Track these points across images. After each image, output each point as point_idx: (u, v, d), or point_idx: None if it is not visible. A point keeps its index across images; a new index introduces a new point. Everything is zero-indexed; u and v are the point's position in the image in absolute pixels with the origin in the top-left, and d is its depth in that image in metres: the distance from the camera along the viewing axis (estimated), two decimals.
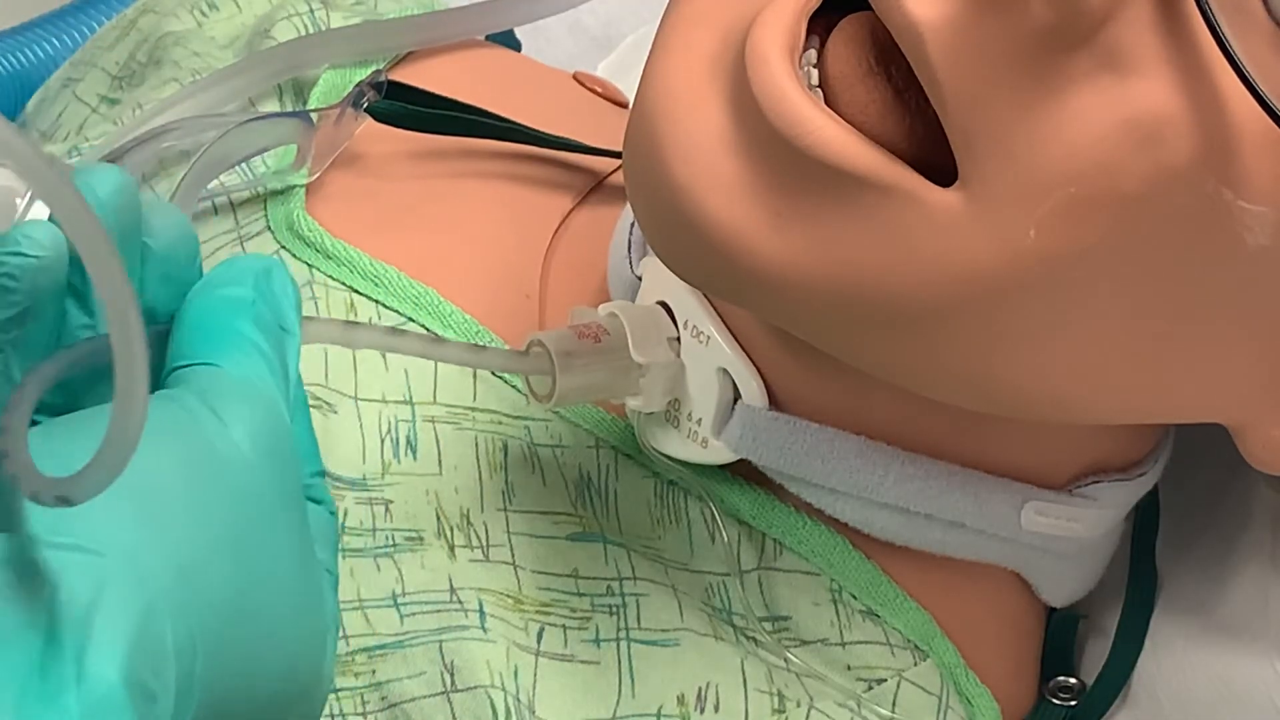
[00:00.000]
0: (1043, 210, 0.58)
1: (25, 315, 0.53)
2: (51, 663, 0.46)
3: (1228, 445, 0.68)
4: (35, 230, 0.54)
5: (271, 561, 0.53)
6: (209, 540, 0.51)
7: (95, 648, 0.46)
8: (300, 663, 0.54)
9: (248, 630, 0.51)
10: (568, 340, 0.67)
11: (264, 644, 0.52)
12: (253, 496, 0.52)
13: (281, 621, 0.53)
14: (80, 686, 0.46)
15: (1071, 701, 0.75)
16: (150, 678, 0.47)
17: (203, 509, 0.51)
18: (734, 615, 0.70)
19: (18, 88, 1.01)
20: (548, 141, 0.80)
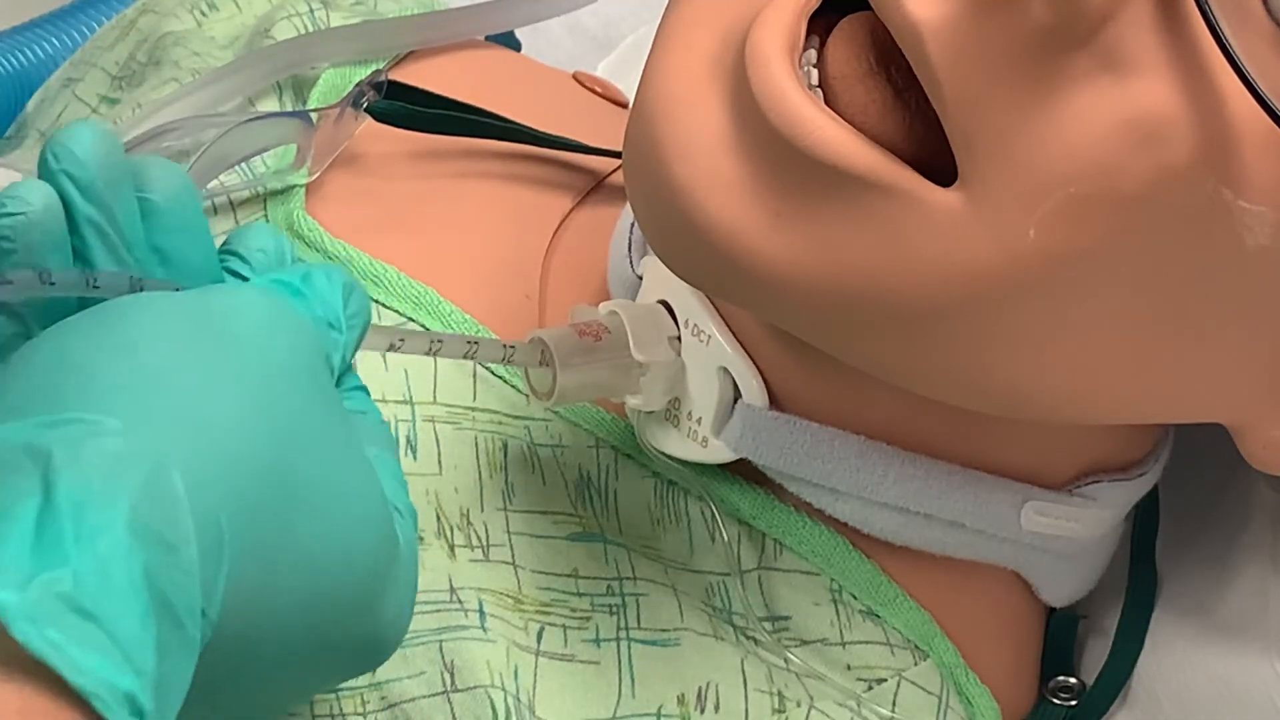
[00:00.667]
0: (1042, 210, 0.58)
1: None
2: (49, 521, 0.46)
3: (1228, 445, 0.69)
4: (21, 189, 0.55)
5: (306, 430, 0.53)
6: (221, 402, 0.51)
7: (94, 501, 0.46)
8: (359, 548, 0.54)
9: (284, 492, 0.51)
10: (568, 338, 0.67)
11: (309, 514, 0.52)
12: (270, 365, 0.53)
13: (324, 494, 0.53)
14: (78, 537, 0.46)
15: (1071, 701, 0.75)
16: (165, 527, 0.47)
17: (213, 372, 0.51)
18: (734, 615, 0.70)
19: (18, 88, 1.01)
20: (548, 141, 0.80)
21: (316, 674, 0.56)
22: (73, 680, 0.45)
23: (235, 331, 0.53)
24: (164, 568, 0.47)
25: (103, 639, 0.45)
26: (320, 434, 0.54)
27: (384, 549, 0.55)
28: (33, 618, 0.44)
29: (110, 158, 0.56)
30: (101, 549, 0.46)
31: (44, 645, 0.44)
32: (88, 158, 0.55)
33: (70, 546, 0.46)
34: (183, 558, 0.48)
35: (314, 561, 0.53)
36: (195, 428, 0.50)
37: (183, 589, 0.48)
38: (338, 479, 0.54)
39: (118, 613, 0.46)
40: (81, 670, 0.45)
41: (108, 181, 0.56)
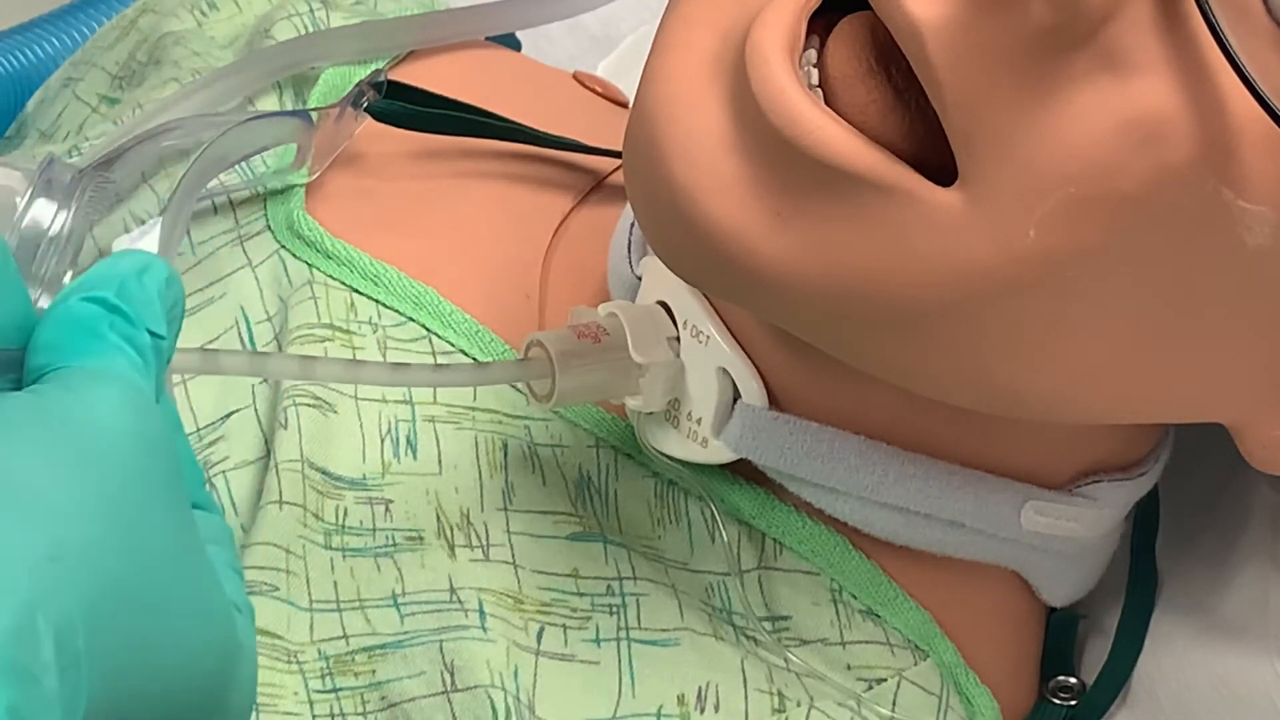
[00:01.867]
0: (1043, 210, 0.57)
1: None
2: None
3: (1228, 445, 0.69)
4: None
5: (154, 537, 0.52)
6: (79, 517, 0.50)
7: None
8: (205, 650, 0.53)
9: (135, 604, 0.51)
10: (567, 340, 0.67)
11: (157, 622, 0.51)
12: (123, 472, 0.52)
13: (174, 604, 0.52)
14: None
15: (1071, 701, 0.75)
16: (29, 659, 0.47)
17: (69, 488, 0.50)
18: (734, 615, 0.70)
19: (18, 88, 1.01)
20: (547, 141, 0.80)
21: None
22: None
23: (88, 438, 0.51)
24: (27, 700, 0.47)
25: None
26: (170, 544, 0.52)
27: (228, 650, 0.54)
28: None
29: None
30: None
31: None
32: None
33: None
34: (44, 689, 0.47)
35: (165, 671, 0.52)
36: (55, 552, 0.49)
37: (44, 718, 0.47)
38: (186, 588, 0.53)
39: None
40: None
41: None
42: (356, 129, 0.78)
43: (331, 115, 0.77)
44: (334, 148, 0.77)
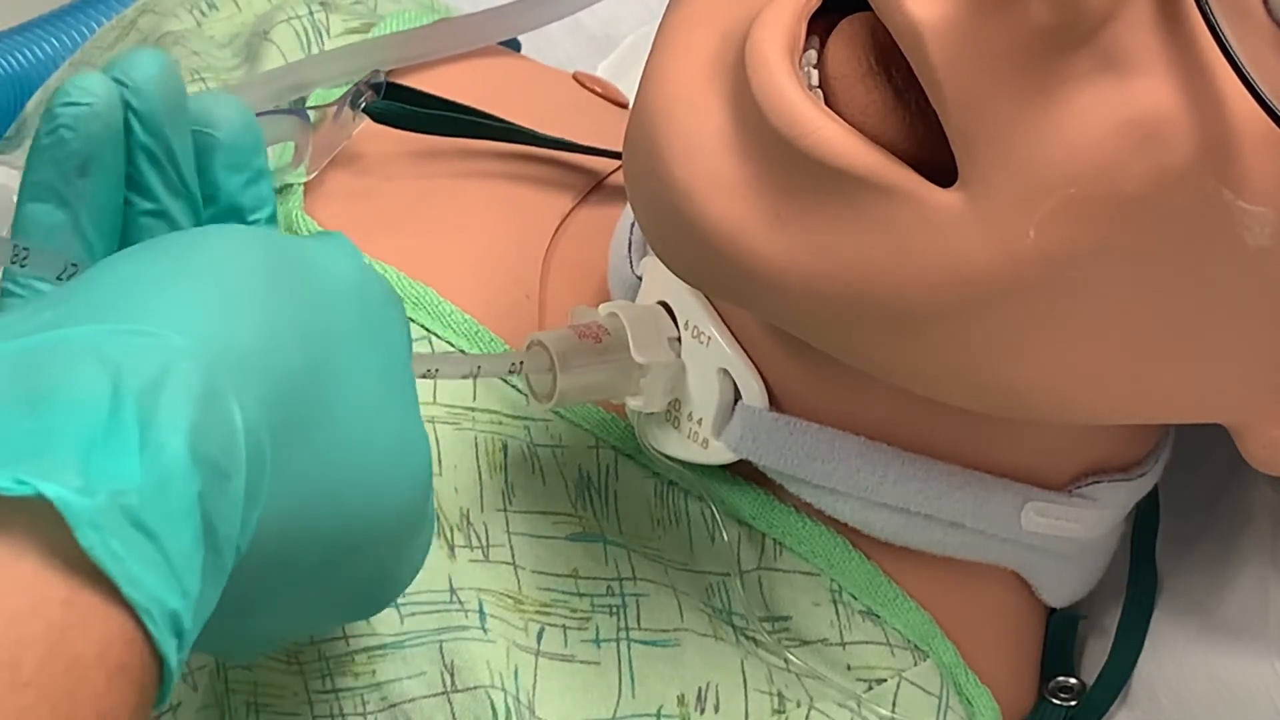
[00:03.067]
0: (1043, 211, 0.57)
1: (86, 166, 0.56)
2: (115, 430, 0.46)
3: (1228, 445, 0.68)
4: (85, 80, 0.56)
5: (354, 368, 0.54)
6: (285, 333, 0.52)
7: (160, 419, 0.47)
8: (389, 498, 0.55)
9: (322, 427, 0.52)
10: (568, 340, 0.67)
11: (342, 445, 0.53)
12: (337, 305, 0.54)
13: (363, 429, 0.54)
14: (144, 452, 0.46)
15: (1071, 702, 0.75)
16: (220, 455, 0.48)
17: (280, 304, 0.52)
18: (734, 615, 0.70)
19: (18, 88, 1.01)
20: (546, 142, 0.80)
21: (318, 611, 0.57)
22: (127, 592, 0.45)
23: (307, 268, 0.54)
24: (215, 496, 0.48)
25: (158, 557, 0.46)
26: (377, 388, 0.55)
27: (414, 503, 0.57)
28: (97, 525, 0.45)
29: (170, 89, 0.57)
30: (164, 467, 0.46)
31: (105, 554, 0.45)
32: (149, 87, 0.56)
33: (134, 459, 0.46)
34: (232, 488, 0.48)
35: (343, 504, 0.53)
36: (258, 360, 0.50)
37: (227, 519, 0.48)
38: (385, 424, 0.55)
39: (173, 534, 0.46)
40: (136, 584, 0.45)
41: (167, 113, 0.57)
42: (355, 129, 0.78)
43: (330, 114, 0.77)
44: (332, 147, 0.77)
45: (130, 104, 0.56)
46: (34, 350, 0.48)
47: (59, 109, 0.56)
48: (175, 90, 0.57)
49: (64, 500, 0.45)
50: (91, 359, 0.47)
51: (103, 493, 0.45)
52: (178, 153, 0.57)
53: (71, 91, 0.56)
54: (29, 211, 0.56)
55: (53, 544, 0.45)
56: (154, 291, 0.50)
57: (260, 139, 0.60)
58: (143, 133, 0.56)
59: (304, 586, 0.55)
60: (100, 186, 0.56)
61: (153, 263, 0.52)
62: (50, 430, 0.46)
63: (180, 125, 0.58)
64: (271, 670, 0.65)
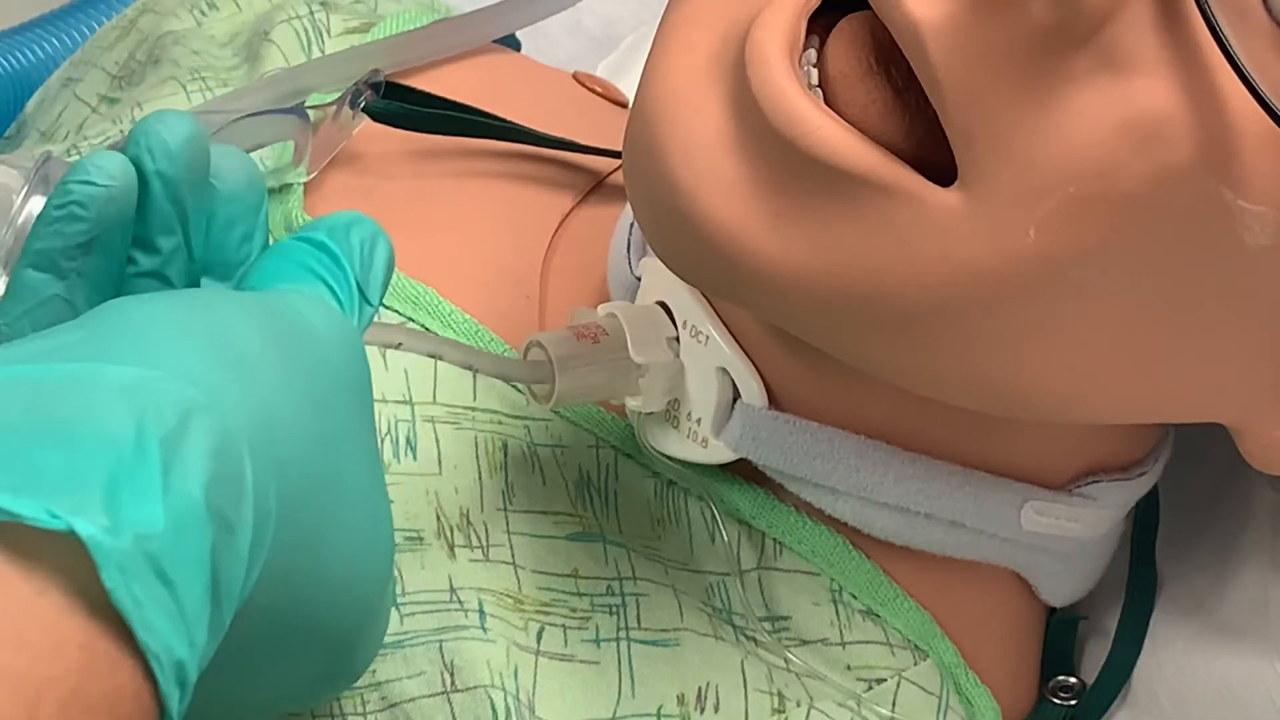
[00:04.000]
0: (1042, 210, 0.57)
1: (92, 244, 0.55)
2: (139, 472, 0.46)
3: (1228, 445, 0.68)
4: (105, 160, 0.56)
5: (347, 439, 0.54)
6: (290, 398, 0.52)
7: (181, 465, 0.47)
8: (369, 567, 0.55)
9: (321, 497, 0.52)
10: (567, 341, 0.67)
11: (336, 517, 0.53)
12: (332, 375, 0.54)
13: (354, 513, 0.54)
14: (166, 498, 0.46)
15: (1071, 701, 0.75)
16: (230, 509, 0.48)
17: (285, 370, 0.52)
18: (734, 615, 0.70)
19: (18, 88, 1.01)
20: (546, 141, 0.80)
21: (286, 684, 0.56)
22: (142, 638, 0.45)
23: (305, 335, 0.54)
24: (223, 549, 0.48)
25: (172, 606, 0.46)
26: (359, 455, 0.55)
27: (386, 581, 0.57)
28: (123, 569, 0.45)
29: (197, 155, 0.57)
30: (183, 515, 0.46)
31: (127, 598, 0.45)
32: (180, 154, 0.56)
33: (158, 503, 0.46)
34: (238, 543, 0.48)
35: (331, 576, 0.53)
36: (268, 418, 0.50)
37: (232, 574, 0.48)
38: (365, 498, 0.55)
39: (188, 583, 0.46)
40: (152, 631, 0.45)
41: (190, 183, 0.57)
42: (355, 129, 0.78)
43: (329, 114, 0.77)
44: (332, 147, 0.77)
45: (158, 167, 0.56)
46: (57, 379, 0.48)
47: (74, 186, 0.55)
48: (201, 157, 0.57)
49: (94, 539, 0.44)
50: (117, 397, 0.47)
51: (128, 534, 0.45)
52: (191, 219, 0.57)
53: (90, 170, 0.55)
54: (26, 277, 0.56)
55: (73, 583, 0.45)
56: (173, 341, 0.50)
57: (263, 195, 0.60)
58: (164, 199, 0.56)
59: (278, 655, 0.54)
60: (102, 264, 0.56)
61: (171, 313, 0.52)
62: (75, 463, 0.46)
63: (200, 192, 0.57)
64: None
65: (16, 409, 0.47)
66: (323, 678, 0.57)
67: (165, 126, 0.56)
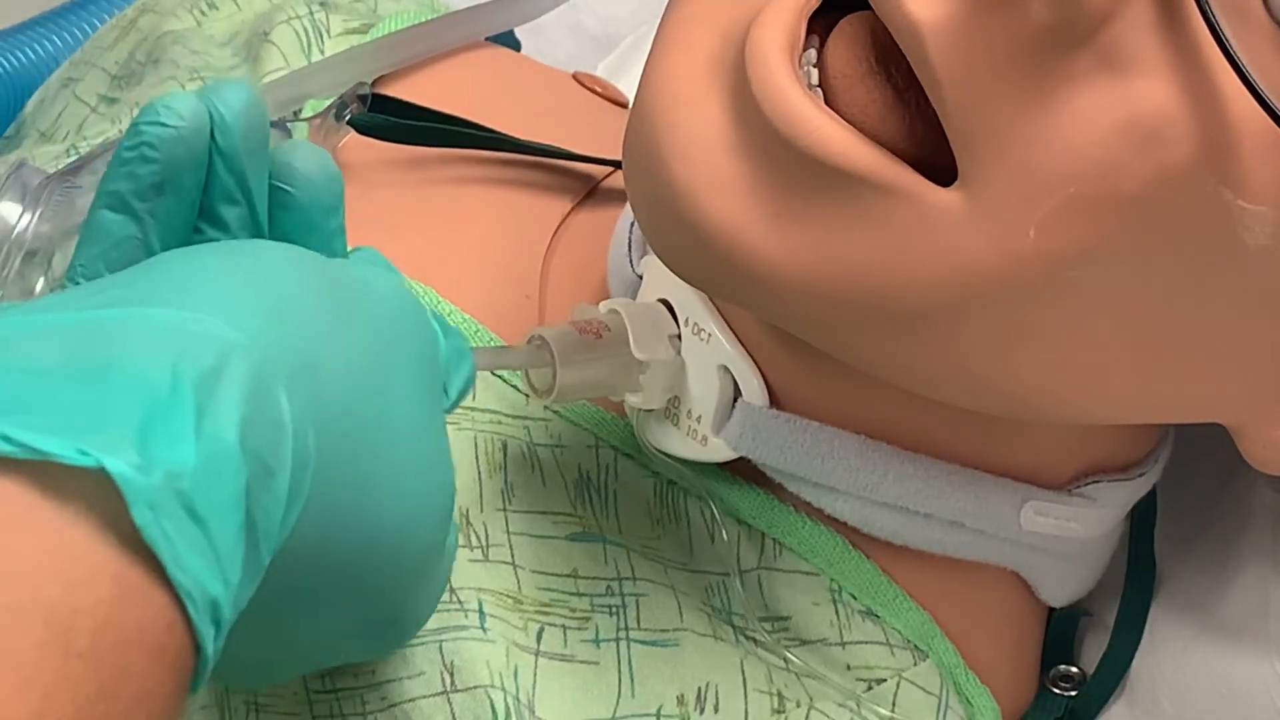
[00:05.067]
0: (1043, 211, 0.57)
1: (164, 186, 0.56)
2: (173, 412, 0.46)
3: (1228, 445, 0.68)
4: (176, 101, 0.56)
5: (396, 394, 0.54)
6: (336, 347, 0.52)
7: (215, 407, 0.47)
8: (416, 525, 0.55)
9: (366, 447, 0.53)
10: (569, 336, 0.67)
11: (382, 469, 0.53)
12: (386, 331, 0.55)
13: (402, 456, 0.54)
14: (199, 438, 0.46)
15: (1072, 692, 0.75)
16: (267, 451, 0.48)
17: (334, 319, 0.53)
18: (734, 615, 0.70)
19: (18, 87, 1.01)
20: (536, 151, 0.80)
21: (336, 635, 0.57)
22: (174, 574, 0.45)
23: (361, 290, 0.55)
24: (260, 491, 0.48)
25: (204, 544, 0.46)
26: (412, 407, 0.55)
27: (437, 537, 0.57)
28: (153, 504, 0.45)
29: (255, 125, 0.57)
30: (217, 455, 0.46)
31: (157, 534, 0.45)
32: (235, 123, 0.56)
33: (190, 443, 0.46)
34: (275, 485, 0.49)
35: (375, 525, 0.54)
36: (311, 363, 0.51)
37: (269, 515, 0.48)
38: (419, 457, 0.55)
39: (221, 522, 0.46)
40: (183, 567, 0.45)
41: (249, 151, 0.57)
42: (339, 141, 0.77)
43: (315, 126, 0.76)
44: None
45: (214, 138, 0.56)
46: (97, 323, 0.48)
47: (145, 125, 0.55)
48: (259, 126, 0.57)
49: (124, 476, 0.45)
50: (153, 339, 0.48)
51: (159, 472, 0.45)
52: (254, 190, 0.57)
53: (161, 111, 0.56)
54: (101, 218, 0.56)
55: (104, 517, 0.45)
56: (215, 286, 0.51)
57: (340, 194, 0.60)
58: (224, 169, 0.57)
59: (325, 604, 0.55)
60: (174, 206, 0.56)
61: (216, 259, 0.52)
62: (109, 403, 0.46)
63: (260, 161, 0.58)
64: None
65: (55, 353, 0.47)
66: (368, 631, 0.58)
67: (222, 95, 0.56)
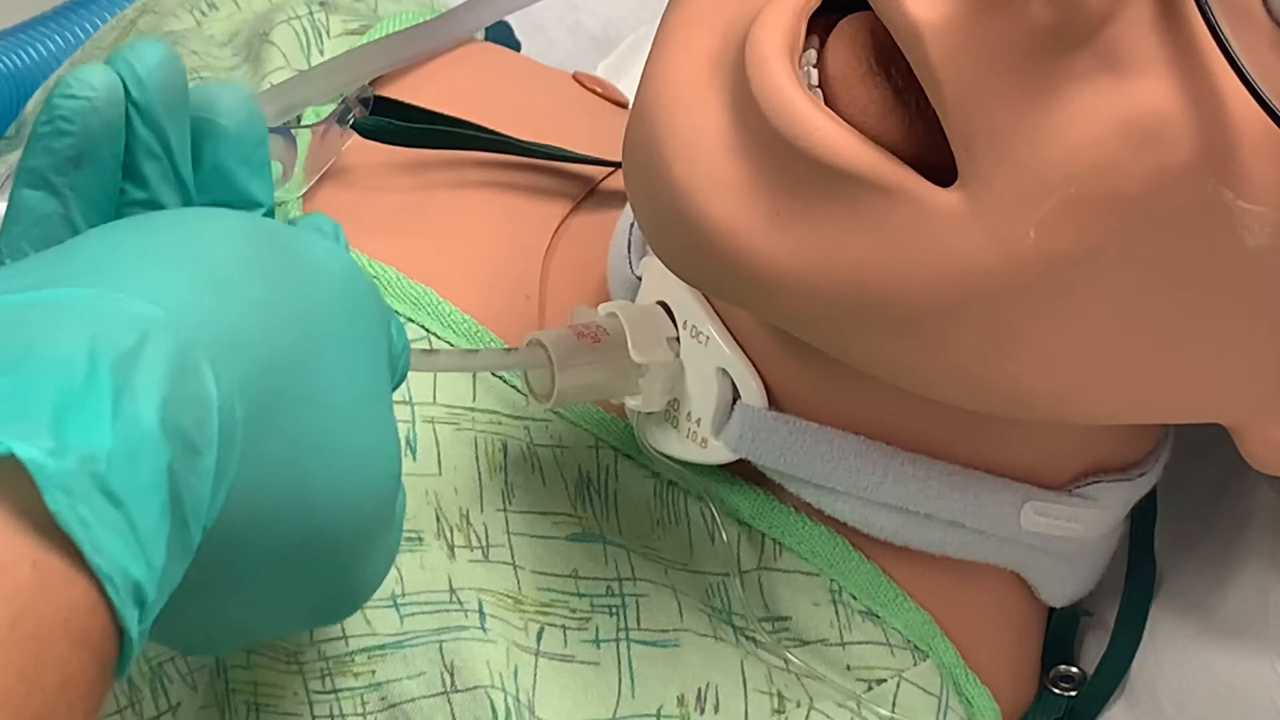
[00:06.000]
0: (1043, 211, 0.57)
1: (81, 159, 0.56)
2: (89, 396, 0.46)
3: (1228, 445, 0.68)
4: (86, 73, 0.56)
5: (334, 361, 0.54)
6: (267, 316, 0.52)
7: (133, 388, 0.47)
8: (360, 493, 0.55)
9: (298, 416, 0.52)
10: (567, 340, 0.67)
11: (321, 438, 0.53)
12: (322, 296, 0.54)
13: (343, 424, 0.54)
14: (116, 420, 0.46)
15: (1072, 692, 0.75)
16: (192, 429, 0.48)
17: (264, 288, 0.52)
18: (734, 615, 0.70)
19: (18, 87, 1.01)
20: (536, 153, 0.80)
21: (283, 606, 0.57)
22: (92, 559, 0.45)
23: (295, 257, 0.54)
24: (184, 469, 0.48)
25: (124, 526, 0.46)
26: (352, 374, 0.55)
27: (383, 508, 0.57)
28: (67, 490, 0.45)
29: (171, 82, 0.57)
30: (135, 436, 0.46)
31: (73, 519, 0.45)
32: (149, 79, 0.56)
33: (107, 426, 0.46)
34: (202, 464, 0.48)
35: (311, 497, 0.53)
36: (237, 339, 0.50)
37: (196, 494, 0.48)
38: (361, 425, 0.55)
39: (141, 504, 0.46)
40: (102, 551, 0.45)
41: (166, 106, 0.57)
42: (343, 145, 0.77)
43: (318, 132, 0.76)
44: (323, 162, 0.77)
45: (130, 95, 0.56)
46: (14, 308, 0.48)
47: (58, 99, 0.56)
48: (176, 82, 0.57)
49: (36, 462, 0.44)
50: (70, 322, 0.47)
51: (73, 457, 0.45)
52: (174, 145, 0.57)
53: (72, 84, 0.56)
54: (22, 196, 0.56)
55: (21, 504, 0.45)
56: (137, 263, 0.50)
57: (264, 131, 0.60)
58: (141, 125, 0.57)
59: (267, 576, 0.54)
60: (94, 179, 0.56)
61: (139, 235, 0.52)
62: (25, 389, 0.46)
63: (179, 117, 0.58)
64: (271, 670, 0.65)
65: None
66: (317, 600, 0.57)
67: (136, 54, 0.57)
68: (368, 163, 0.79)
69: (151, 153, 0.57)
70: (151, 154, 0.57)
